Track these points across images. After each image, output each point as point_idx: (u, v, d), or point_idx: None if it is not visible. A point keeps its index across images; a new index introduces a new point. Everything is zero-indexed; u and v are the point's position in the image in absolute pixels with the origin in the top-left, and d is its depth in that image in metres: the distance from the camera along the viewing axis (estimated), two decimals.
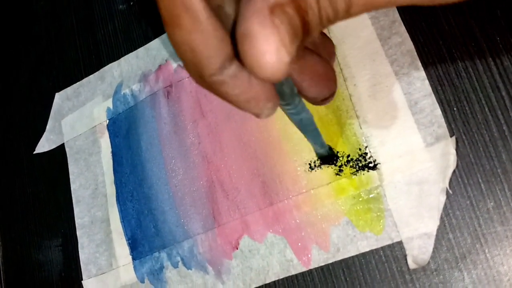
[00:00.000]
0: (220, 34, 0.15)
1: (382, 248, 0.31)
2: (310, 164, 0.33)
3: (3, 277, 0.46)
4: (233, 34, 0.15)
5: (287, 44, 0.14)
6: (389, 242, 0.30)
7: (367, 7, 0.16)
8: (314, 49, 0.21)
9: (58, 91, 0.46)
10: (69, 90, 0.46)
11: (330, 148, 0.32)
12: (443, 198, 0.29)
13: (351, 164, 0.32)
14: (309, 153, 0.33)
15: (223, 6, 0.15)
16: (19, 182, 0.47)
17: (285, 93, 0.20)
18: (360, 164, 0.32)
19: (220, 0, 0.15)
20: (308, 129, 0.27)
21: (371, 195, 0.31)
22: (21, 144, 0.48)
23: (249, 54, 0.14)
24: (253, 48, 0.14)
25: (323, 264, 0.32)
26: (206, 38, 0.15)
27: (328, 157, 0.33)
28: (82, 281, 0.41)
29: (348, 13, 0.16)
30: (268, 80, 0.15)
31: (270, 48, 0.14)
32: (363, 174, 0.32)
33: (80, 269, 0.41)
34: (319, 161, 0.33)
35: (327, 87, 0.21)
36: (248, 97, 0.17)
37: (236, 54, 0.16)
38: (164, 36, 0.41)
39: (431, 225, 0.29)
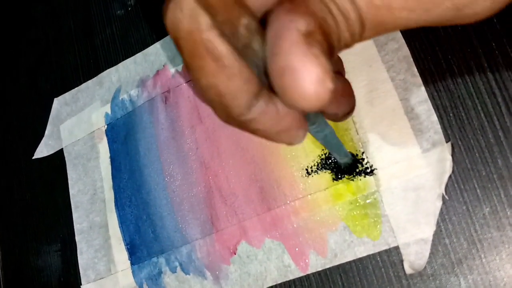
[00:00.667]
0: (246, 75, 0.15)
1: (379, 253, 0.31)
2: (307, 169, 0.33)
3: (2, 283, 0.46)
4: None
5: (330, 70, 0.14)
6: (386, 247, 0.31)
7: (379, 31, 0.16)
8: None
9: (57, 96, 0.46)
10: (67, 95, 0.46)
11: (353, 155, 0.32)
12: (439, 203, 0.29)
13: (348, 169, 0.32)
14: (306, 159, 0.34)
15: (250, 44, 0.15)
16: (18, 187, 0.47)
17: (311, 115, 0.20)
18: (357, 170, 0.32)
19: (246, 38, 0.14)
20: (332, 143, 0.27)
21: (368, 201, 0.31)
22: (20, 149, 0.48)
23: (291, 88, 0.13)
24: (296, 82, 0.13)
25: (320, 269, 0.32)
26: (232, 80, 0.15)
27: (352, 165, 0.33)
28: (81, 286, 0.41)
29: (362, 37, 0.16)
30: (312, 110, 0.14)
31: (315, 78, 0.13)
32: (360, 179, 0.32)
33: (79, 274, 0.41)
34: (343, 170, 0.33)
35: (348, 102, 0.22)
36: (279, 130, 0.17)
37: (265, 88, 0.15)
38: (162, 41, 0.42)
39: (428, 230, 0.29)
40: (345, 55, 0.34)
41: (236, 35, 0.14)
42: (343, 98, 0.21)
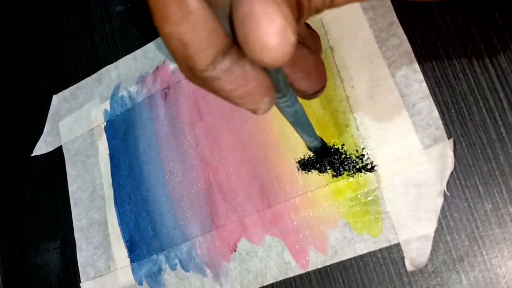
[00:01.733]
0: (213, 25, 0.14)
1: (380, 250, 0.31)
2: (300, 160, 0.33)
3: (1, 280, 0.46)
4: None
5: (292, 23, 0.13)
6: (387, 244, 0.30)
7: None
8: (303, 42, 0.21)
9: (56, 93, 0.46)
10: (66, 92, 0.46)
11: (323, 141, 0.32)
12: (440, 200, 0.29)
13: (348, 165, 0.32)
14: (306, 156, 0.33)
15: None
16: (17, 185, 0.47)
17: (281, 82, 0.19)
18: (357, 166, 0.32)
19: None
20: (302, 121, 0.26)
21: (368, 198, 0.31)
22: (19, 147, 0.48)
23: (252, 36, 0.13)
24: (257, 30, 0.13)
25: (321, 266, 0.32)
26: (197, 30, 0.14)
27: (322, 150, 0.32)
28: (80, 284, 0.41)
29: (333, 3, 0.16)
30: (273, 64, 0.14)
31: (276, 28, 0.13)
32: (361, 176, 0.32)
33: (78, 271, 0.41)
34: (313, 156, 0.33)
35: (318, 80, 0.21)
36: (244, 93, 0.16)
37: (233, 43, 0.15)
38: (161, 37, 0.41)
39: (429, 227, 0.29)
40: (346, 51, 0.33)
41: None
42: (313, 75, 0.21)
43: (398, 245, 0.30)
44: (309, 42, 0.21)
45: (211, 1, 0.14)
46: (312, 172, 0.33)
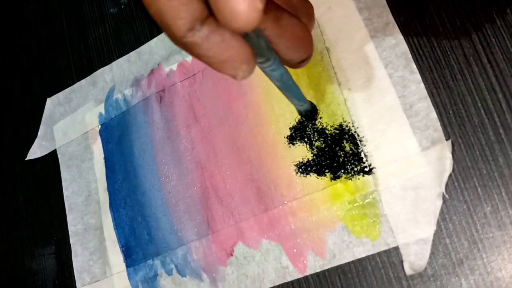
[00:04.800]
0: None
1: (379, 254, 0.30)
2: (298, 163, 0.33)
3: None
4: None
5: None
6: (385, 247, 0.30)
7: None
8: (293, 11, 0.21)
9: (50, 96, 0.46)
10: (60, 95, 0.45)
11: (312, 103, 0.32)
12: (439, 202, 0.29)
13: (346, 168, 0.32)
14: (304, 159, 0.33)
15: None
16: (11, 189, 0.46)
17: (263, 47, 0.20)
18: (355, 169, 0.31)
19: None
20: (289, 84, 0.26)
21: (366, 200, 0.31)
22: (13, 151, 0.47)
23: (222, 3, 0.14)
24: None
25: (319, 270, 0.32)
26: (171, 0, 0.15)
27: (311, 113, 0.32)
28: None
29: None
30: (243, 30, 0.15)
31: None
32: (359, 179, 0.31)
33: (74, 277, 0.41)
34: (302, 119, 0.33)
35: (304, 49, 0.22)
36: (223, 59, 0.17)
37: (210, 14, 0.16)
38: (156, 39, 0.41)
39: (428, 230, 0.29)
40: (342, 53, 0.33)
41: None
42: (299, 44, 0.21)
43: (397, 249, 0.30)
44: (300, 12, 0.22)
45: None
46: (310, 175, 0.33)
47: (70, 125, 0.44)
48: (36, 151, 0.45)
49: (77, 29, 0.46)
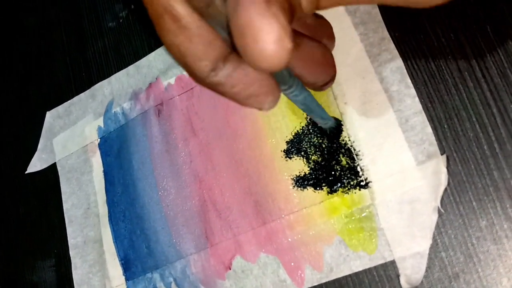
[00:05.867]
0: (208, 37, 0.15)
1: (375, 267, 0.30)
2: (295, 177, 0.33)
3: None
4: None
5: (288, 29, 0.14)
6: (382, 261, 0.30)
7: (335, 1, 0.16)
8: (311, 34, 0.21)
9: (49, 109, 0.46)
10: (60, 108, 0.46)
11: (337, 119, 0.32)
12: (435, 216, 0.29)
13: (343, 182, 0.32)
14: (301, 172, 0.33)
15: (213, 2, 0.15)
16: (11, 202, 0.47)
17: (285, 76, 0.20)
18: (352, 183, 0.32)
19: None
20: (313, 106, 0.26)
21: (363, 214, 0.31)
22: (13, 164, 0.47)
23: (251, 46, 0.14)
24: (255, 40, 0.13)
25: (316, 284, 0.32)
26: (193, 42, 0.15)
27: (336, 129, 0.32)
28: None
29: (319, 5, 0.16)
30: (272, 70, 0.14)
31: (273, 38, 0.13)
32: (355, 192, 0.31)
33: None
34: (329, 133, 0.33)
35: (326, 72, 0.21)
36: (247, 94, 0.17)
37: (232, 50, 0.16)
38: (154, 53, 0.41)
39: (424, 244, 0.29)
40: (338, 67, 0.33)
41: None
42: (320, 67, 0.21)
43: (393, 262, 0.30)
44: (318, 33, 0.21)
45: (207, 13, 0.15)
46: (307, 189, 0.33)
47: (69, 138, 0.44)
48: (36, 164, 0.45)
49: (76, 42, 0.47)
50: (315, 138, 0.33)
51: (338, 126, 0.33)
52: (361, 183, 0.31)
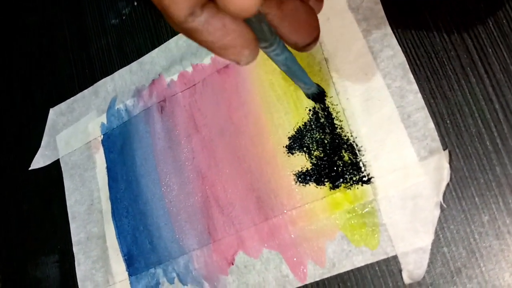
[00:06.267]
0: None
1: (378, 262, 0.31)
2: (297, 173, 0.33)
3: None
4: None
5: None
6: (384, 256, 0.30)
7: None
8: None
9: (52, 106, 0.46)
10: (63, 105, 0.46)
11: (319, 86, 0.32)
12: (437, 212, 0.29)
13: (345, 178, 0.32)
14: (304, 168, 0.33)
15: None
16: (15, 199, 0.47)
17: (266, 32, 0.20)
18: (354, 178, 0.32)
19: None
20: (294, 68, 0.26)
21: (365, 210, 0.31)
22: (16, 160, 0.48)
23: None
24: None
25: (319, 279, 0.32)
26: None
27: (318, 95, 0.33)
28: None
29: None
30: (244, 14, 0.14)
31: None
32: (357, 188, 0.32)
33: (77, 285, 0.41)
34: (312, 99, 0.33)
35: (309, 33, 0.21)
36: (224, 44, 0.17)
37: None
38: (157, 50, 0.41)
39: (426, 239, 0.29)
40: (341, 63, 0.33)
41: None
42: (303, 28, 0.21)
43: (395, 258, 0.30)
44: None
45: None
46: (309, 185, 0.33)
47: (72, 134, 0.44)
48: (39, 161, 0.46)
49: (79, 40, 0.47)
50: (318, 134, 0.33)
51: (320, 92, 0.33)
52: (364, 179, 0.31)
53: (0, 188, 0.48)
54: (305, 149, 0.34)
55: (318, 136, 0.33)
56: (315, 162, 0.33)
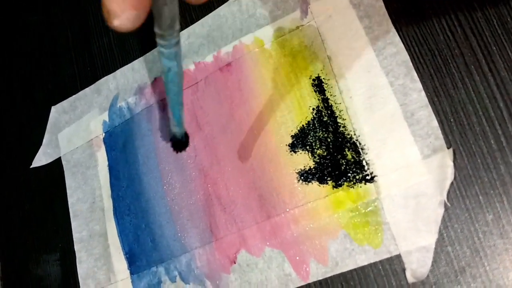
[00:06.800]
0: None
1: (381, 261, 0.30)
2: (300, 171, 0.33)
3: None
4: None
5: None
6: (387, 255, 0.30)
7: None
8: None
9: (54, 104, 0.46)
10: (65, 103, 0.46)
11: (186, 135, 0.33)
12: (441, 210, 0.29)
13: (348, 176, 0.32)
14: (306, 167, 0.33)
15: None
16: (16, 197, 0.47)
17: (163, 17, 0.19)
18: (357, 177, 0.32)
19: None
20: (172, 88, 0.25)
21: (368, 208, 0.31)
22: (18, 158, 0.48)
23: None
24: None
25: (321, 278, 0.32)
26: None
27: (179, 143, 0.33)
28: None
29: None
30: None
31: None
32: (360, 187, 0.31)
33: (79, 284, 0.41)
34: (170, 143, 0.34)
35: None
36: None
37: None
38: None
39: (430, 238, 0.29)
40: (344, 61, 0.33)
41: None
42: None
43: (399, 256, 0.30)
44: None
45: None
46: (312, 183, 0.33)
47: (74, 132, 0.44)
48: (41, 159, 0.46)
49: (81, 38, 0.47)
50: (321, 132, 0.33)
51: (184, 141, 0.33)
52: (367, 177, 0.31)
53: (2, 186, 0.48)
54: (308, 147, 0.33)
55: (321, 135, 0.33)
56: (318, 160, 0.33)
